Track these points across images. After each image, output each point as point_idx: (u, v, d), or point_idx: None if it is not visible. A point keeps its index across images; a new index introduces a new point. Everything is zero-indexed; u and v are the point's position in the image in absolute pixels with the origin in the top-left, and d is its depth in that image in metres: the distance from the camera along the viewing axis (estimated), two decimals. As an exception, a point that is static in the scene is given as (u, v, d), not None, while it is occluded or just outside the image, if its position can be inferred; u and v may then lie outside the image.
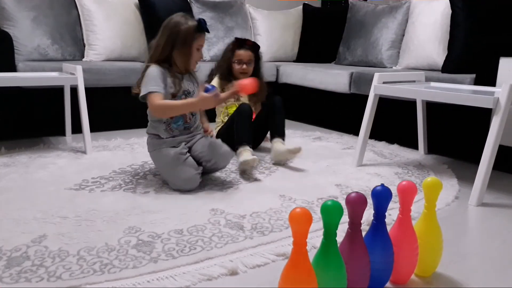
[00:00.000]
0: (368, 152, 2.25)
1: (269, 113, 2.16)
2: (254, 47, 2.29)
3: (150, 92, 1.61)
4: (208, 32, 1.76)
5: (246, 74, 2.24)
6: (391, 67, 2.97)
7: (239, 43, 2.28)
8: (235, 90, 1.71)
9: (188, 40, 1.68)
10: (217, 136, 2.16)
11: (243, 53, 2.25)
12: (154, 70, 1.65)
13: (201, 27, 1.71)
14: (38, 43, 2.61)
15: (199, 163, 1.71)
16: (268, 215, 1.42)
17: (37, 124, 2.51)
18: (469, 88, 1.93)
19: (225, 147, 1.74)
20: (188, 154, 1.70)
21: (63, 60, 2.72)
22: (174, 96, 1.68)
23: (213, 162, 1.73)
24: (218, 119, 2.33)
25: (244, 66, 2.25)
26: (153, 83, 1.62)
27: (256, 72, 2.30)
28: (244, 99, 2.28)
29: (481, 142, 1.67)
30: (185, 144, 1.73)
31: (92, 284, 1.00)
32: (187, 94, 1.73)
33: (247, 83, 1.73)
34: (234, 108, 2.18)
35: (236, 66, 2.26)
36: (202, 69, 2.86)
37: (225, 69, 2.28)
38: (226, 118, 2.22)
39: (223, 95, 1.66)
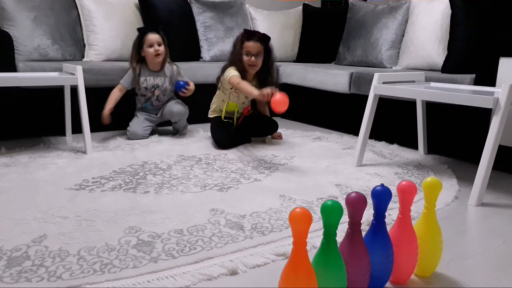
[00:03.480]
0: (368, 152, 2.26)
1: (263, 130, 2.50)
2: (263, 39, 2.29)
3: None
4: (153, 31, 2.46)
5: (255, 67, 2.29)
6: (391, 67, 2.97)
7: (248, 34, 2.29)
8: (265, 97, 1.96)
9: (138, 43, 2.49)
10: (212, 120, 2.48)
11: (251, 45, 2.26)
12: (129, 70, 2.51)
13: (141, 30, 2.49)
14: (38, 43, 2.61)
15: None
16: (268, 215, 1.42)
17: (37, 124, 2.51)
18: (469, 88, 1.93)
19: (176, 109, 2.48)
20: (147, 117, 2.54)
21: (63, 60, 2.72)
22: (146, 89, 2.51)
23: (171, 119, 2.55)
24: (215, 104, 2.50)
25: (253, 58, 2.26)
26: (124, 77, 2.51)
27: (266, 66, 2.33)
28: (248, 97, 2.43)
29: (481, 142, 1.67)
30: (156, 115, 2.57)
31: (92, 284, 1.00)
32: (156, 87, 2.51)
33: (283, 100, 1.81)
34: (233, 106, 2.42)
35: (245, 58, 2.28)
36: (203, 69, 2.90)
37: (237, 62, 2.29)
38: (222, 110, 2.43)
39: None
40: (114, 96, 2.45)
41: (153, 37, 2.45)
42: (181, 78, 2.59)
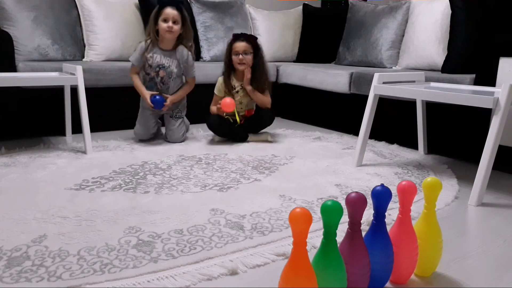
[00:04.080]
0: (368, 152, 2.26)
1: (257, 122, 2.54)
2: (249, 39, 2.49)
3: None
4: (174, 6, 2.31)
5: (245, 65, 2.47)
6: (391, 67, 2.97)
7: (235, 37, 2.51)
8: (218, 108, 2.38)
9: (156, 15, 2.33)
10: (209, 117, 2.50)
11: (238, 45, 2.46)
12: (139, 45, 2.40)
13: (160, 2, 2.32)
14: (38, 43, 2.61)
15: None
16: (268, 215, 1.42)
17: (37, 124, 2.51)
18: (469, 88, 1.93)
19: (176, 136, 2.40)
20: (151, 112, 2.39)
21: (63, 60, 2.72)
22: (150, 67, 2.37)
23: (168, 140, 2.42)
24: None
25: (241, 56, 2.45)
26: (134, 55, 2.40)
27: (255, 63, 2.50)
28: (244, 93, 2.52)
29: (481, 142, 1.67)
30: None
31: (92, 284, 1.00)
32: (161, 67, 2.37)
33: (227, 103, 2.34)
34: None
35: (234, 58, 2.47)
36: (203, 69, 2.90)
37: (226, 64, 2.51)
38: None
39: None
40: (139, 83, 2.35)
41: (170, 12, 2.28)
42: (186, 70, 2.41)
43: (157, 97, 2.31)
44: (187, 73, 2.44)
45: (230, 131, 2.45)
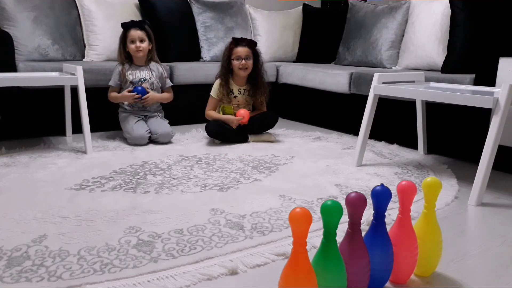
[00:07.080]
0: (367, 152, 2.26)
1: (261, 123, 2.53)
2: (250, 44, 2.50)
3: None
4: (136, 26, 2.41)
5: (247, 70, 2.48)
6: (391, 67, 2.97)
7: (236, 41, 2.49)
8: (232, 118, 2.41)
9: (123, 38, 2.44)
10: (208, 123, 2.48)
11: (240, 49, 2.45)
12: (116, 67, 2.48)
13: (124, 26, 2.43)
14: (38, 43, 2.61)
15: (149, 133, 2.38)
16: (268, 215, 1.42)
17: (37, 124, 2.51)
18: (469, 88, 1.93)
19: (167, 129, 2.38)
20: (140, 119, 2.42)
21: (64, 60, 2.72)
22: (132, 83, 2.43)
23: (156, 136, 2.36)
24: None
25: (243, 61, 2.45)
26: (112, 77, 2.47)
27: (255, 68, 2.51)
28: (242, 99, 2.54)
29: (481, 142, 1.67)
30: (142, 115, 2.47)
31: (92, 283, 1.00)
32: (143, 81, 2.45)
33: (242, 113, 2.41)
34: (229, 109, 2.48)
35: (235, 62, 2.46)
36: (203, 69, 2.90)
37: (225, 68, 2.49)
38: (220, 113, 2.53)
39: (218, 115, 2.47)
40: (115, 94, 2.45)
41: (134, 33, 2.40)
42: (164, 83, 2.53)
43: (139, 87, 2.38)
44: (164, 85, 2.55)
45: (230, 135, 2.43)
